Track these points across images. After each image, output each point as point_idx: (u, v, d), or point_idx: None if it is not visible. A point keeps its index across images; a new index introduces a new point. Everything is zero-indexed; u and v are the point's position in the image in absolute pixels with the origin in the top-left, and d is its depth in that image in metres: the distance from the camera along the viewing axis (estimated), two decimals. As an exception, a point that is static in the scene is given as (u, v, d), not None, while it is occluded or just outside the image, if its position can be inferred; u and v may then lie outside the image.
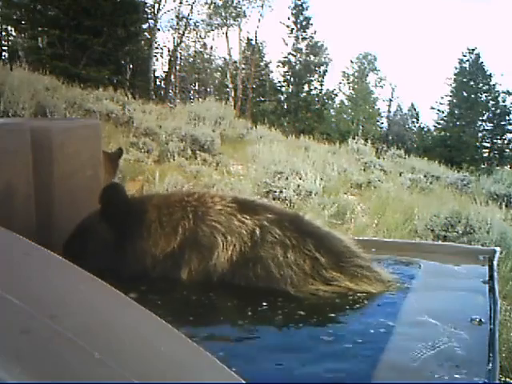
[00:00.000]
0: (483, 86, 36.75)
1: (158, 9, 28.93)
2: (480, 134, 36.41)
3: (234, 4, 31.70)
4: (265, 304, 1.24)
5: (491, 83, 36.64)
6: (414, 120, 41.67)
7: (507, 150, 35.97)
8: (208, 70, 39.76)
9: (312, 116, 34.07)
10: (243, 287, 1.32)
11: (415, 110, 41.86)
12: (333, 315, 1.25)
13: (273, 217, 1.37)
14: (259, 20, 37.10)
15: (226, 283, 1.32)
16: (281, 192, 7.94)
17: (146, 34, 27.93)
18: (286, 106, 35.81)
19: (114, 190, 1.46)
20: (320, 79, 36.14)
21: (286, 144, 12.80)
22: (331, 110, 39.85)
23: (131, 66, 26.49)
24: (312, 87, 36.04)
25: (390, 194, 9.23)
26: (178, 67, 35.60)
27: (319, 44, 35.64)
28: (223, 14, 31.93)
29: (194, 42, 37.60)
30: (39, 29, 20.23)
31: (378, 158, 13.71)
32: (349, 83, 41.05)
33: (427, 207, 7.55)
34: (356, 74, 41.17)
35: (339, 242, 1.39)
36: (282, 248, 1.31)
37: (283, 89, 36.42)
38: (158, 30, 30.00)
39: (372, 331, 1.10)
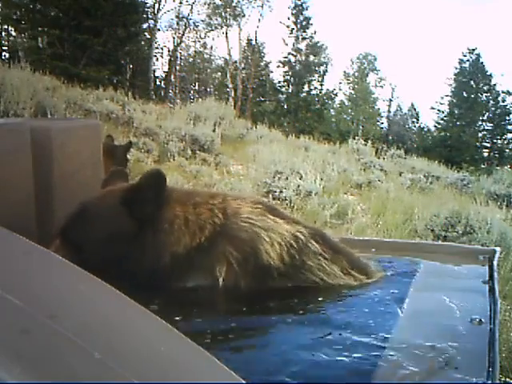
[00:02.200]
0: (483, 86, 36.76)
1: (158, 9, 28.99)
2: (480, 134, 36.43)
3: (234, 4, 31.73)
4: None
5: (491, 83, 36.66)
6: (414, 120, 41.70)
7: (507, 150, 35.98)
8: (208, 70, 39.77)
9: (312, 116, 34.08)
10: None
11: (415, 110, 41.94)
12: (330, 316, 1.25)
13: (304, 228, 1.34)
14: (259, 20, 37.22)
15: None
16: (281, 192, 7.94)
17: (145, 34, 27.96)
18: (286, 106, 35.83)
19: (160, 177, 1.27)
20: (320, 79, 36.17)
21: (285, 144, 12.81)
22: (331, 110, 39.87)
23: (131, 66, 26.52)
24: (312, 87, 36.06)
25: (389, 194, 9.24)
26: (178, 67, 35.63)
27: (319, 44, 35.68)
28: (223, 14, 31.95)
29: (194, 41, 37.69)
30: (39, 29, 20.24)
31: (378, 158, 13.72)
32: (349, 83, 41.08)
33: (427, 207, 7.56)
34: (356, 73, 41.19)
35: (363, 261, 1.43)
36: (324, 259, 1.31)
37: (283, 89, 36.44)
38: (158, 30, 30.09)
39: (372, 331, 1.11)
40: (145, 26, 27.08)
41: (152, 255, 1.25)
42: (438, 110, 37.79)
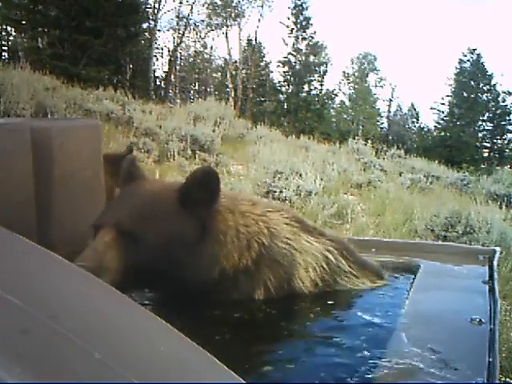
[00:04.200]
0: (483, 86, 36.73)
1: (158, 9, 28.96)
2: (480, 134, 36.41)
3: (234, 4, 31.72)
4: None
5: (491, 83, 36.63)
6: (414, 120, 41.70)
7: (507, 150, 35.96)
8: (208, 70, 39.76)
9: (312, 116, 34.05)
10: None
11: (415, 109, 41.95)
12: (331, 317, 1.25)
13: (332, 244, 1.40)
14: (259, 20, 37.29)
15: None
16: (281, 192, 7.94)
17: (146, 34, 27.94)
18: (286, 106, 35.80)
19: (211, 176, 1.21)
20: (320, 79, 36.14)
21: (286, 144, 12.81)
22: (331, 110, 39.85)
23: (131, 66, 26.52)
24: (312, 87, 36.04)
25: (389, 194, 9.23)
26: (178, 67, 35.62)
27: (319, 44, 35.65)
28: (223, 14, 31.94)
29: (194, 42, 37.70)
30: (39, 29, 20.22)
31: (378, 158, 13.70)
32: (349, 83, 41.08)
33: (427, 207, 7.55)
34: (356, 73, 41.18)
35: (379, 267, 1.51)
36: (354, 277, 1.40)
37: (283, 89, 36.41)
38: (158, 30, 30.07)
39: (373, 331, 1.11)
40: (145, 26, 27.08)
41: (207, 266, 1.23)
42: (438, 110, 37.80)
